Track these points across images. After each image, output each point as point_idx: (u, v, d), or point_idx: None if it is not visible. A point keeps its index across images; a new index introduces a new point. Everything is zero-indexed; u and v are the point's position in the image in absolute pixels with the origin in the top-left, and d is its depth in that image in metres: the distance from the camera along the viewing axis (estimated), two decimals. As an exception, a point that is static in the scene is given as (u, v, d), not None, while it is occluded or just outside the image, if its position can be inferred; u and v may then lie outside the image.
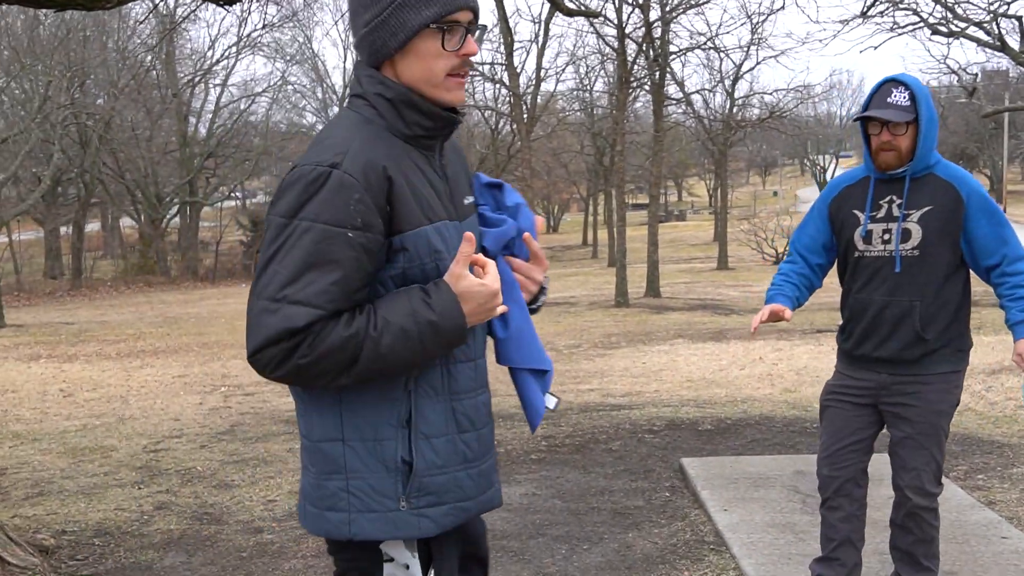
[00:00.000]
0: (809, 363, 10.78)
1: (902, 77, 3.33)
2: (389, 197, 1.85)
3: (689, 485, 5.46)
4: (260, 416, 8.47)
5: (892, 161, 3.34)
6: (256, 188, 59.39)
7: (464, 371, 1.97)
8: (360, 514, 1.91)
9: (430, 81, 1.91)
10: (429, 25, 1.87)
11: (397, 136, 1.93)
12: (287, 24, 39.19)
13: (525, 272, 2.08)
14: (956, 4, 21.09)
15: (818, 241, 3.58)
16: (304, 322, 1.78)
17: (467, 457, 1.97)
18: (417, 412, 1.92)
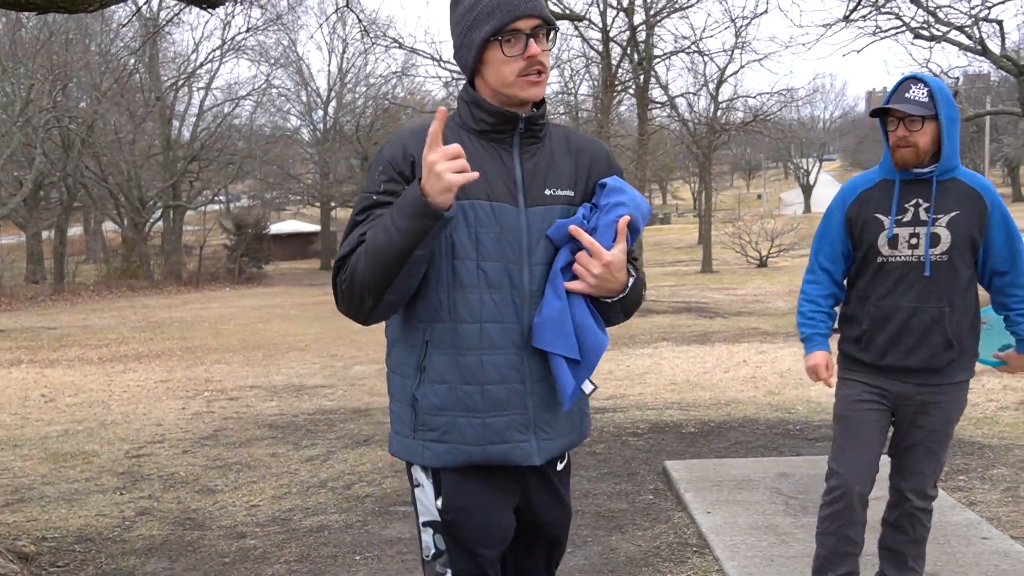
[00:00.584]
0: (793, 366, 10.81)
1: (922, 75, 3.28)
2: (414, 171, 2.23)
3: (672, 488, 5.47)
4: (243, 421, 8.44)
5: (909, 158, 3.25)
6: (240, 192, 59.21)
7: (469, 330, 2.25)
8: (394, 434, 2.38)
9: (504, 83, 2.27)
10: (490, 39, 2.23)
11: (467, 130, 2.33)
12: (271, 27, 39.09)
13: (584, 263, 2.27)
14: (938, 8, 21.23)
15: (838, 250, 3.46)
16: (339, 256, 2.25)
17: (467, 406, 2.26)
18: (428, 359, 2.27)
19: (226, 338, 16.95)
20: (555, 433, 2.36)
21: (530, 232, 2.29)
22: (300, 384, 10.82)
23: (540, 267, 2.29)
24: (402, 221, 2.10)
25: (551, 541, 2.50)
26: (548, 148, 2.37)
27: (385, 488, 5.88)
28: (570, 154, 2.40)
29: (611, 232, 2.28)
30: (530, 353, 2.28)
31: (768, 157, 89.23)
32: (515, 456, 2.30)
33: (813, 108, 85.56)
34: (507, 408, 2.28)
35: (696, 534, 4.69)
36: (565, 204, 2.34)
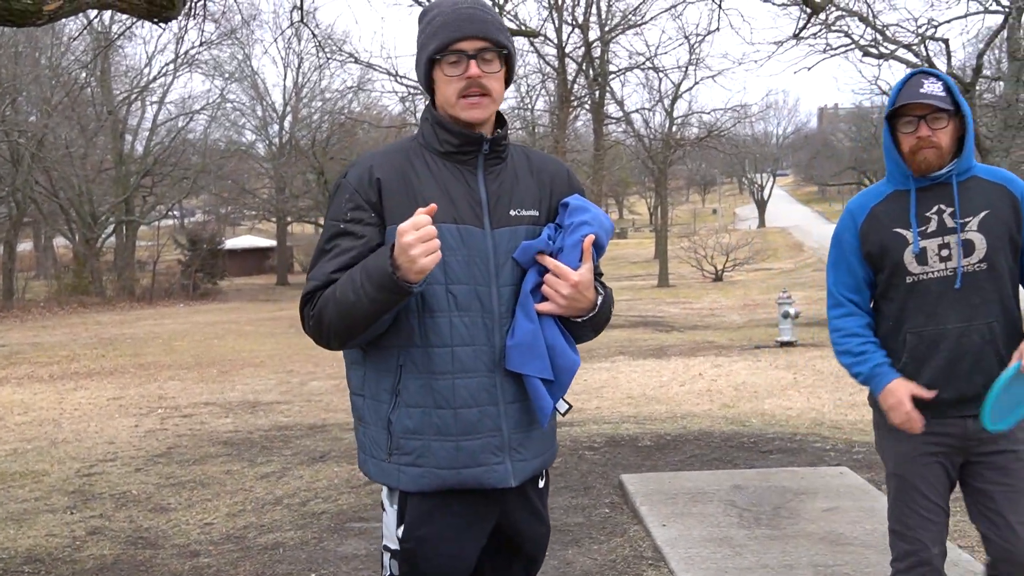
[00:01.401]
0: (748, 379, 10.93)
1: (931, 70, 2.90)
2: (380, 196, 2.26)
3: (628, 501, 5.50)
4: (198, 438, 8.35)
5: (933, 160, 2.83)
6: (195, 207, 58.62)
7: (441, 355, 2.25)
8: (370, 458, 2.37)
9: (447, 103, 2.29)
10: (433, 58, 2.27)
11: (431, 151, 2.34)
12: (225, 41, 38.77)
13: (552, 285, 2.30)
14: (886, 27, 21.66)
15: (859, 278, 2.98)
16: (306, 291, 2.28)
17: (440, 430, 2.26)
18: (402, 384, 2.28)
19: (180, 354, 16.76)
20: (529, 454, 2.36)
21: (497, 253, 2.29)
22: (255, 400, 10.73)
23: (508, 288, 2.30)
24: (371, 290, 2.13)
25: (530, 558, 2.50)
26: (511, 168, 2.38)
27: (341, 504, 5.85)
28: (532, 174, 2.41)
29: (577, 252, 2.31)
30: (503, 375, 2.29)
31: (723, 172, 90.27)
32: (489, 479, 2.30)
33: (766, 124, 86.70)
34: (480, 431, 2.28)
35: (651, 547, 4.72)
36: (530, 224, 2.35)
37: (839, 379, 10.60)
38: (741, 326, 19.00)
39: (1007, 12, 20.54)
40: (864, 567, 4.21)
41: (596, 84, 27.00)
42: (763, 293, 27.50)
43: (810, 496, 5.33)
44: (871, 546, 4.46)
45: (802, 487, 5.50)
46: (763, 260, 39.02)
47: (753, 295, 27.63)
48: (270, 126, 47.68)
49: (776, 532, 4.72)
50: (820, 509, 5.08)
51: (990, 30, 23.00)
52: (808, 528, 4.78)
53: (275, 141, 47.39)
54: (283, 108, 47.22)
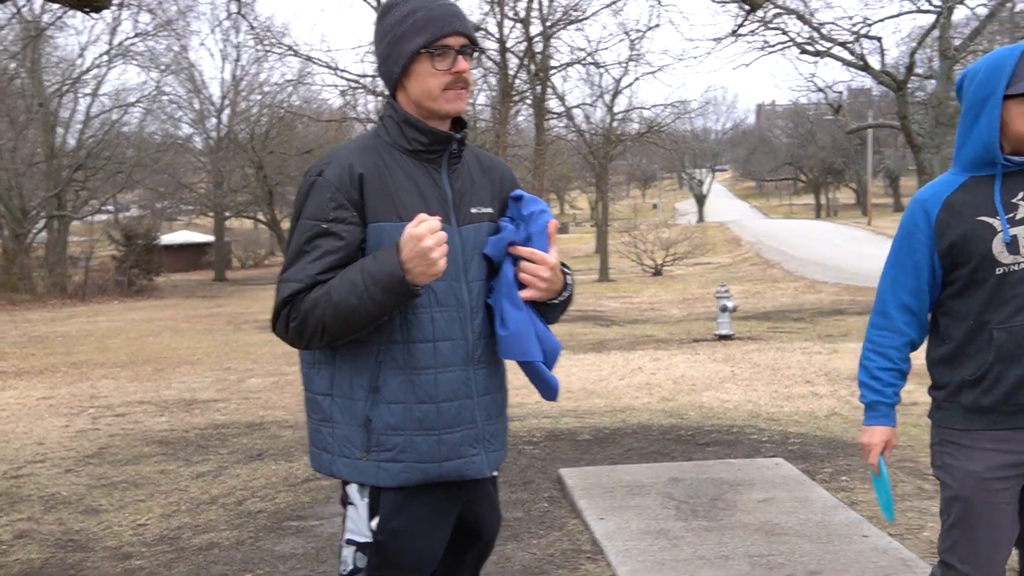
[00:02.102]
0: (686, 372, 11.03)
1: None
2: (361, 194, 2.28)
3: (567, 495, 5.52)
4: (131, 438, 8.19)
5: None
6: (129, 201, 57.50)
7: (424, 350, 2.30)
8: (340, 458, 2.36)
9: (429, 96, 2.32)
10: (420, 51, 2.29)
11: (398, 149, 2.37)
12: (161, 33, 38.11)
13: (531, 271, 2.38)
14: (822, 25, 22.02)
15: (924, 279, 2.69)
16: (288, 293, 2.27)
17: (423, 424, 2.30)
18: (382, 380, 2.30)
19: (114, 352, 16.43)
20: (498, 444, 2.48)
21: (464, 250, 2.37)
22: (191, 398, 10.56)
23: (476, 283, 2.39)
24: (378, 294, 2.18)
25: (484, 548, 2.62)
26: (467, 167, 2.47)
27: (278, 503, 5.78)
28: (484, 173, 2.51)
29: (544, 237, 2.43)
30: (474, 368, 2.38)
31: (663, 168, 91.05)
32: (469, 471, 2.38)
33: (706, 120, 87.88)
34: (460, 424, 2.35)
35: (590, 540, 4.73)
36: (488, 221, 2.45)
37: (775, 372, 10.76)
38: (680, 320, 19.18)
39: (938, 12, 21.01)
40: (798, 556, 4.27)
41: (537, 79, 27.05)
42: (702, 287, 27.80)
43: (746, 487, 5.39)
44: (805, 536, 4.53)
45: (738, 479, 5.57)
46: (702, 255, 39.42)
47: (692, 289, 27.91)
48: (208, 119, 46.97)
49: (713, 523, 4.77)
50: (756, 500, 5.14)
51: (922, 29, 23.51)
52: (744, 519, 4.83)
53: (213, 135, 46.69)
54: (221, 101, 46.55)
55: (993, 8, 20.95)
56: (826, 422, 7.75)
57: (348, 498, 2.40)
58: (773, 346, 13.26)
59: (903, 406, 2.77)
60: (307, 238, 2.27)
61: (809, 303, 21.00)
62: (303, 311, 2.23)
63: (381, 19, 2.38)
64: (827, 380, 10.01)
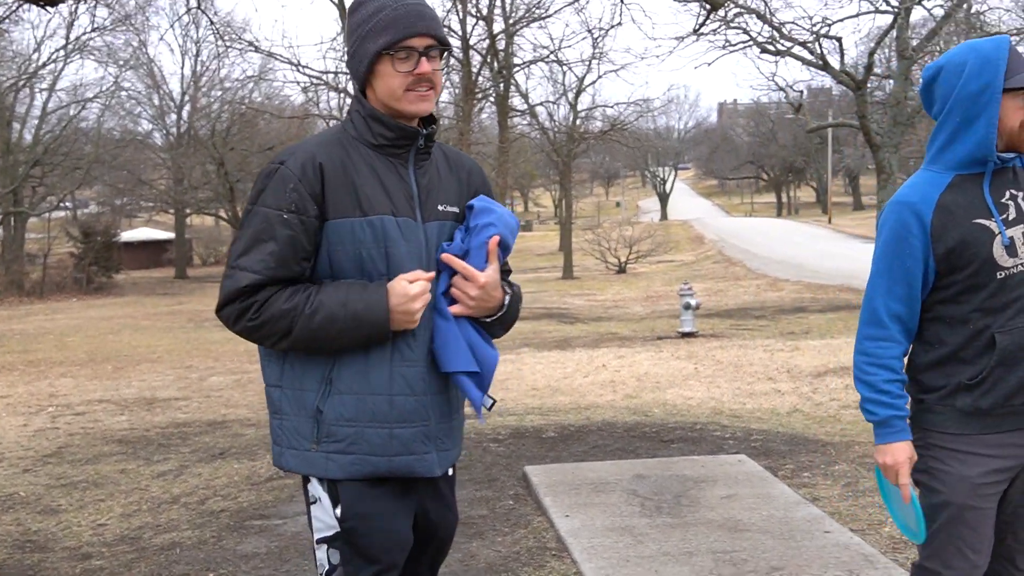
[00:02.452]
0: (650, 369, 11.09)
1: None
2: (323, 187, 2.26)
3: (532, 493, 5.52)
4: (91, 437, 8.08)
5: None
6: (88, 198, 56.73)
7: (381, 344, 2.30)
8: (288, 449, 2.36)
9: (392, 96, 2.31)
10: (382, 52, 2.28)
11: (364, 144, 2.35)
12: (119, 28, 37.56)
13: (460, 287, 2.37)
14: (782, 25, 22.19)
15: (917, 286, 2.57)
16: (245, 283, 2.23)
17: (375, 416, 2.29)
18: (336, 372, 2.29)
19: (72, 351, 16.21)
20: (450, 444, 2.46)
21: (428, 247, 2.37)
22: (152, 397, 10.45)
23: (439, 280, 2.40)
24: (357, 330, 2.22)
25: (440, 547, 2.58)
26: (434, 164, 2.45)
27: (241, 502, 5.73)
28: (451, 170, 2.49)
29: (483, 253, 2.39)
30: (431, 365, 2.37)
31: (626, 166, 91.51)
32: (419, 468, 2.36)
33: (668, 118, 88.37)
34: (413, 419, 2.33)
35: (555, 538, 4.74)
36: (453, 220, 2.44)
37: (738, 369, 10.84)
38: (644, 317, 19.27)
39: (896, 12, 21.26)
40: (761, 552, 4.31)
41: (500, 76, 27.04)
42: (665, 285, 27.95)
43: (710, 484, 5.43)
44: (767, 531, 4.57)
45: (702, 475, 5.60)
46: (665, 252, 39.64)
47: (655, 287, 28.06)
48: (167, 115, 46.44)
49: (677, 520, 4.80)
50: (719, 497, 5.18)
51: (880, 30, 23.76)
52: (708, 515, 4.87)
53: (173, 131, 46.18)
54: (181, 97, 46.02)
55: (949, 9, 21.24)
56: (788, 419, 7.83)
57: (311, 497, 2.38)
58: (736, 343, 13.37)
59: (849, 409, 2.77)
60: (265, 227, 2.25)
61: (771, 301, 21.19)
62: (268, 315, 2.23)
63: (350, 16, 2.38)
64: (789, 377, 10.11)
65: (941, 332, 2.57)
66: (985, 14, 24.55)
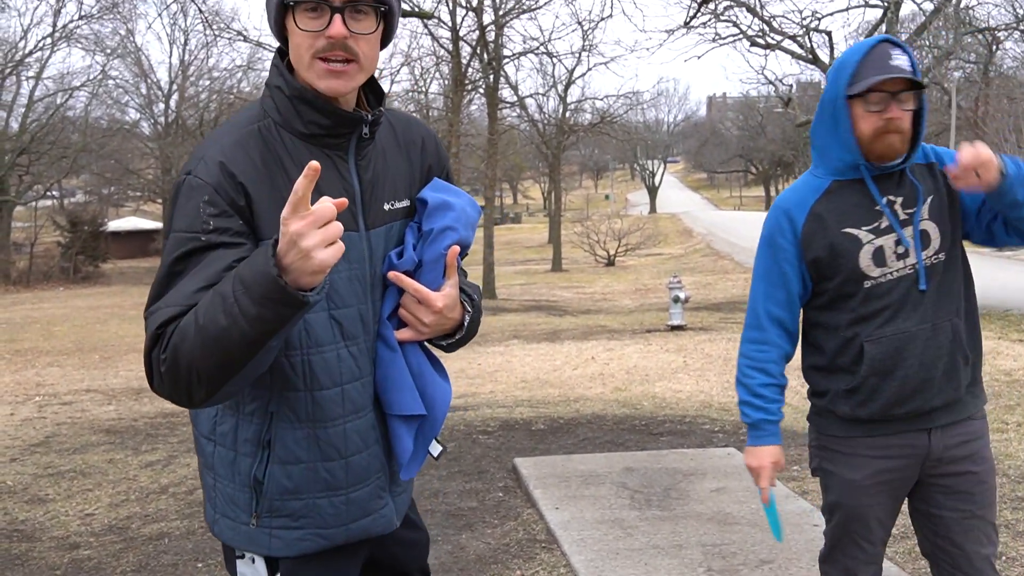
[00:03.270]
0: (639, 362, 11.10)
1: (894, 39, 2.48)
2: (246, 198, 1.75)
3: (522, 485, 5.53)
4: (78, 426, 8.05)
5: (900, 146, 2.45)
6: (75, 187, 56.49)
7: (330, 397, 1.84)
8: (222, 516, 1.92)
9: (300, 64, 1.77)
10: (286, 3, 1.75)
11: (291, 133, 1.81)
12: (107, 16, 37.43)
13: (412, 311, 1.90)
14: (772, 18, 22.23)
15: (794, 291, 2.59)
16: (159, 322, 1.67)
17: (330, 485, 1.88)
18: (275, 436, 1.83)
19: (59, 340, 16.14)
20: (402, 484, 2.06)
21: (372, 260, 1.89)
22: (140, 387, 10.41)
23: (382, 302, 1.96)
24: (251, 306, 1.57)
25: (419, 569, 2.21)
26: (379, 148, 1.93)
27: (230, 493, 5.71)
28: (400, 149, 1.98)
29: (440, 267, 1.92)
30: (376, 405, 1.95)
31: (615, 158, 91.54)
32: (376, 528, 1.98)
33: (657, 111, 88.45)
34: (368, 477, 1.93)
35: (545, 530, 4.75)
36: (403, 219, 1.96)
37: (727, 362, 10.87)
38: (633, 310, 19.30)
39: (886, 7, 21.30)
40: (750, 545, 4.32)
41: (490, 68, 26.98)
42: (654, 278, 28.00)
43: (699, 477, 5.44)
44: (756, 525, 4.58)
45: (691, 468, 5.62)
46: (654, 245, 39.72)
47: (644, 280, 28.11)
48: (155, 104, 46.22)
49: (666, 513, 4.81)
50: (709, 489, 5.19)
51: (870, 24, 23.82)
52: (697, 508, 4.88)
53: (160, 120, 45.97)
54: (169, 86, 45.81)
55: (939, 3, 21.30)
56: (776, 412, 7.85)
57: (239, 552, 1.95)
58: (724, 336, 13.40)
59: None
60: (180, 255, 1.71)
61: (759, 294, 21.24)
62: (172, 346, 1.64)
63: None
64: (777, 370, 10.13)
65: (820, 338, 2.61)
66: (974, 8, 24.63)
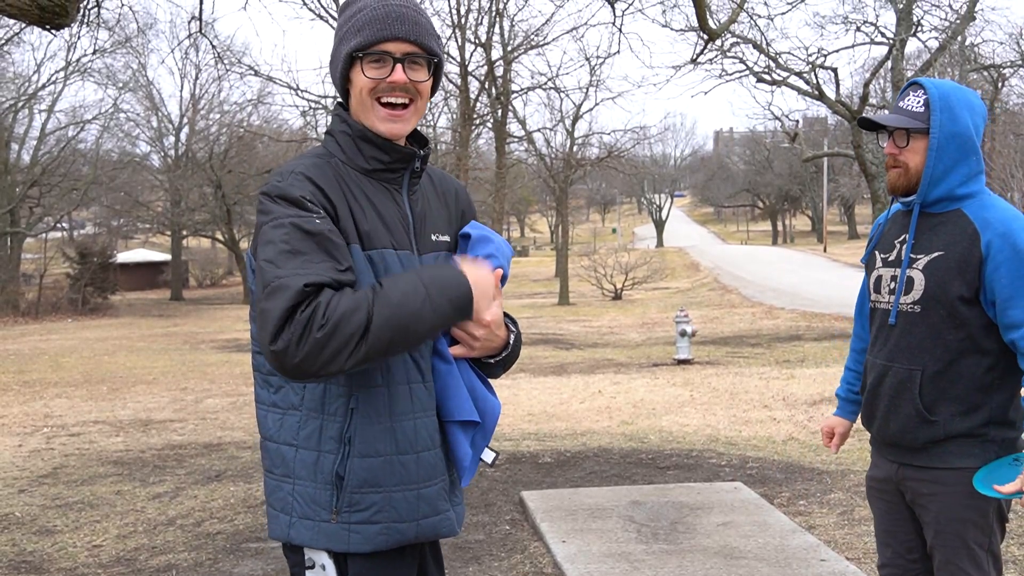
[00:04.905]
0: (646, 396, 11.10)
1: (924, 80, 2.65)
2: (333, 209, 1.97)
3: (529, 518, 5.53)
4: (86, 458, 8.07)
5: (898, 181, 2.67)
6: (85, 219, 56.77)
7: (402, 393, 2.02)
8: (300, 520, 2.01)
9: (362, 108, 2.02)
10: (355, 55, 1.99)
11: (355, 169, 2.05)
12: (120, 50, 37.77)
13: (464, 327, 2.07)
14: (778, 55, 22.40)
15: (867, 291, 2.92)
16: (299, 284, 1.81)
17: (403, 478, 2.01)
18: (356, 432, 1.97)
19: (68, 371, 16.18)
20: (460, 497, 2.19)
21: None
22: (148, 418, 10.43)
23: None
24: (445, 305, 1.92)
25: None
26: (423, 190, 2.19)
27: (237, 524, 5.73)
28: (438, 195, 2.23)
29: None
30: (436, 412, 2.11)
31: (622, 192, 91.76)
32: (443, 528, 2.09)
33: (664, 146, 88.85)
34: (436, 476, 2.07)
35: (551, 563, 4.75)
36: (446, 251, 2.18)
37: (734, 396, 10.86)
38: (639, 344, 19.29)
39: (891, 44, 21.45)
40: (757, 579, 4.31)
41: (498, 103, 27.20)
42: (661, 311, 27.99)
43: (706, 511, 5.44)
44: (763, 559, 4.58)
45: (698, 502, 5.61)
46: (661, 279, 39.71)
47: (651, 313, 28.09)
48: (166, 137, 46.58)
49: (673, 547, 4.80)
50: (715, 524, 5.19)
51: (875, 60, 23.99)
52: (704, 542, 4.87)
53: (171, 153, 46.32)
54: (179, 119, 46.21)
55: (944, 41, 21.45)
56: (783, 447, 7.84)
57: (309, 562, 2.04)
58: (731, 371, 13.39)
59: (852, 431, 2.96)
60: (300, 234, 1.88)
61: (767, 329, 21.22)
62: (339, 313, 1.81)
63: (340, 14, 2.11)
64: (784, 405, 10.12)
65: None
66: (979, 46, 24.77)
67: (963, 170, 2.59)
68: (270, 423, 2.05)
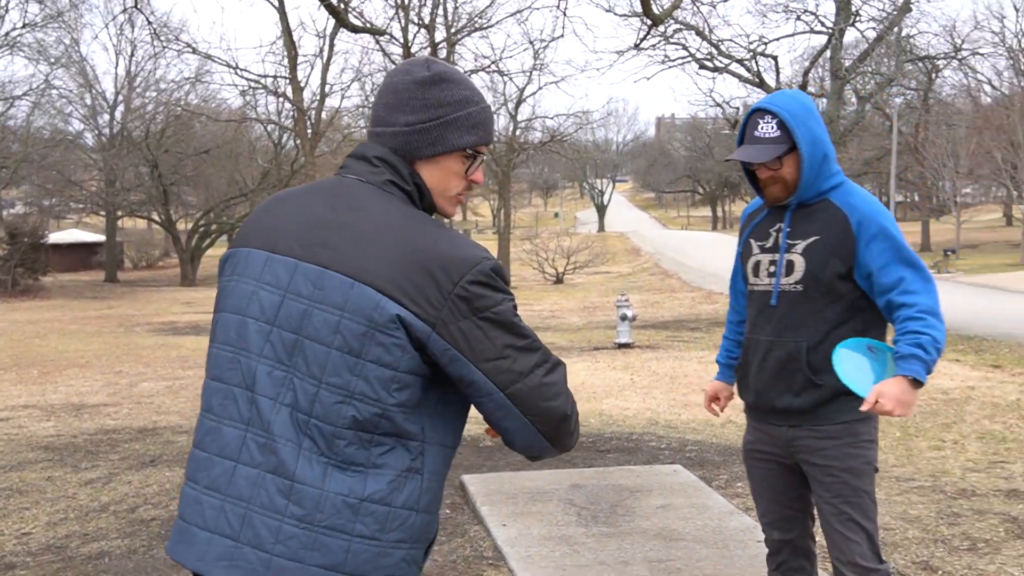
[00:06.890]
0: (587, 380, 11.14)
1: (769, 104, 2.92)
2: None
3: (469, 501, 5.52)
4: (15, 443, 7.87)
5: (781, 193, 2.97)
6: (15, 198, 55.30)
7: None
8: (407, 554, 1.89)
9: (444, 193, 2.10)
10: (465, 149, 2.07)
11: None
12: (51, 24, 36.80)
13: None
14: (720, 42, 22.58)
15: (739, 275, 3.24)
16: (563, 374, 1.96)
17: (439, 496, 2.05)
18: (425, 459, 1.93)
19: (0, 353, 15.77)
20: None
21: None
22: (80, 403, 10.21)
23: None
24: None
25: None
26: None
27: (172, 510, 5.62)
28: None
29: None
30: None
31: (564, 177, 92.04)
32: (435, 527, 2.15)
33: (607, 131, 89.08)
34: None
35: (492, 547, 4.74)
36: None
37: (673, 380, 10.96)
38: (580, 328, 19.37)
39: (830, 33, 21.74)
40: (695, 561, 4.36)
41: (441, 85, 27.02)
42: (602, 296, 28.15)
43: (645, 494, 5.48)
44: (702, 541, 4.62)
45: (638, 485, 5.65)
46: (602, 264, 39.96)
47: (592, 297, 28.23)
48: (100, 115, 45.52)
49: (613, 529, 4.83)
50: (655, 506, 5.23)
51: (815, 49, 24.30)
52: (643, 525, 4.91)
53: (105, 131, 45.28)
54: (114, 97, 45.16)
55: (881, 32, 21.80)
56: (722, 430, 7.93)
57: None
58: (671, 355, 13.51)
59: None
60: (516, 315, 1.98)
61: (706, 313, 21.46)
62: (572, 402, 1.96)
63: (430, 85, 2.05)
64: (723, 388, 10.23)
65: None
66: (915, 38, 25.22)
67: (826, 168, 2.93)
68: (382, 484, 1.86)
